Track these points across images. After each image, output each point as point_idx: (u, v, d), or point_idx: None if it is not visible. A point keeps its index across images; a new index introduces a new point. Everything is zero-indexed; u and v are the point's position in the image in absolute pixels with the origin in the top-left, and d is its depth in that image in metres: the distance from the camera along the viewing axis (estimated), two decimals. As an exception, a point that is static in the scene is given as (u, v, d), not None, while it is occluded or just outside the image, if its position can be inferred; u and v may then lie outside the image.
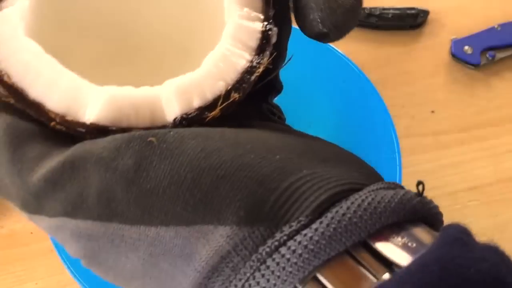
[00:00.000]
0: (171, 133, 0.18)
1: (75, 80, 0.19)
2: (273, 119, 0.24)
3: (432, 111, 0.57)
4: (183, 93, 0.19)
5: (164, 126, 0.19)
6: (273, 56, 0.21)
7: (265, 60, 0.21)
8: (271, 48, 0.21)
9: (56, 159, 0.19)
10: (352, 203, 0.17)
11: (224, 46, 0.21)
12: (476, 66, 0.59)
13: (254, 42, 0.21)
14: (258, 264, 0.16)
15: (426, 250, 0.16)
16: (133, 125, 0.19)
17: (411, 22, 0.62)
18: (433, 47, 0.61)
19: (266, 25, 0.21)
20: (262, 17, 0.22)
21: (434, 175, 0.53)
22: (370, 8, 0.61)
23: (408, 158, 0.53)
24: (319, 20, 0.22)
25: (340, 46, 0.51)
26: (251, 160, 0.18)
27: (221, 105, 0.19)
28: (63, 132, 0.19)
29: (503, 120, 0.56)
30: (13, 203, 0.20)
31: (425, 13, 0.62)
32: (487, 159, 0.54)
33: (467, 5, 0.64)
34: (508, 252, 0.17)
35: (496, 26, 0.60)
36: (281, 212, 0.17)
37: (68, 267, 0.36)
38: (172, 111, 0.19)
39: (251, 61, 0.21)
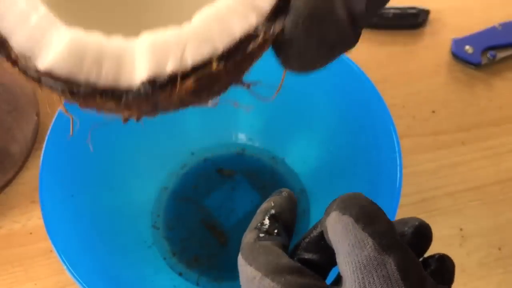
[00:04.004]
0: None
1: (47, 17, 0.16)
2: None
3: (433, 111, 0.57)
4: (157, 52, 0.15)
5: (129, 89, 0.16)
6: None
7: (275, 29, 0.16)
8: (287, 15, 0.16)
9: None
10: None
11: (227, 1, 0.16)
12: (477, 65, 0.59)
13: (267, 2, 0.16)
14: None
15: None
16: (93, 80, 0.15)
17: (412, 21, 0.61)
18: (433, 46, 0.61)
19: None
20: None
21: (434, 175, 0.53)
22: (371, 8, 0.61)
23: (408, 158, 0.53)
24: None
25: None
26: None
27: (198, 75, 0.15)
28: None
29: (504, 120, 0.56)
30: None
31: (426, 12, 0.62)
32: (487, 159, 0.54)
33: (468, 4, 0.64)
34: (509, 253, 0.17)
35: (497, 26, 0.60)
36: None
37: (68, 268, 0.36)
38: (141, 72, 0.16)
39: (256, 27, 0.16)
